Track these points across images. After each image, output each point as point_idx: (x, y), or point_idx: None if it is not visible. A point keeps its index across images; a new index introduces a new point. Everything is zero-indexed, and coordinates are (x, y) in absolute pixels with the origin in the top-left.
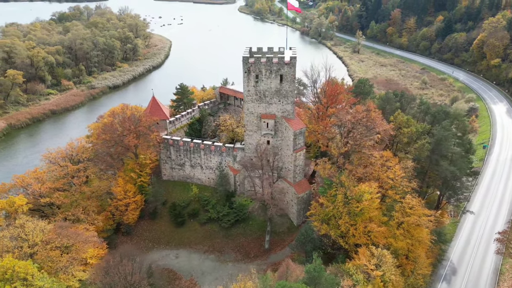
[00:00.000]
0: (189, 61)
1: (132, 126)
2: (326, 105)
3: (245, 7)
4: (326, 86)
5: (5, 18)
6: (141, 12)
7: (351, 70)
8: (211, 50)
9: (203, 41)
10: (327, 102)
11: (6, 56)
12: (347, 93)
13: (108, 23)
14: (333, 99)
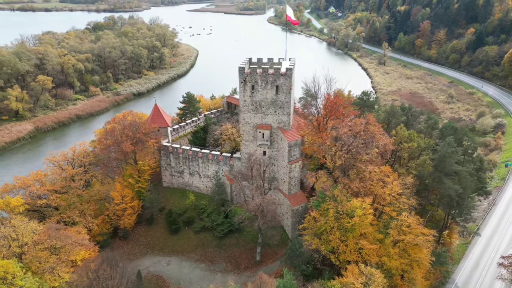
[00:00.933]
0: (213, 70)
1: (130, 133)
2: (325, 117)
3: (274, 18)
4: (326, 98)
5: (45, 26)
6: (173, 22)
7: (375, 82)
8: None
9: (229, 51)
10: (327, 115)
11: (39, 63)
12: (348, 106)
13: (138, 33)
14: (332, 111)
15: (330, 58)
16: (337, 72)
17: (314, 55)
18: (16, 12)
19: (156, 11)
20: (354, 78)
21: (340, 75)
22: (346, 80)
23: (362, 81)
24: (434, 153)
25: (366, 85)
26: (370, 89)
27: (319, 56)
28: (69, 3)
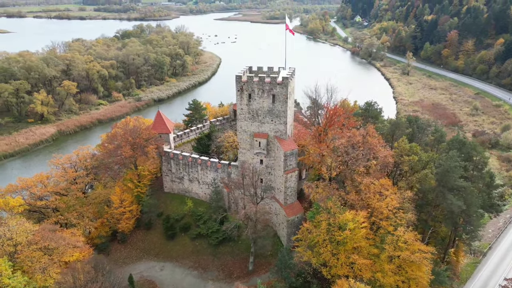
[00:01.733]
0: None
1: (130, 138)
2: (325, 127)
3: (299, 27)
4: (325, 108)
5: (77, 34)
6: (200, 30)
7: (396, 92)
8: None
9: (252, 59)
10: (326, 124)
11: (65, 68)
12: (348, 116)
13: (162, 41)
14: (331, 121)
15: (352, 68)
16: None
17: (336, 64)
18: (53, 20)
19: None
20: (374, 88)
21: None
22: (358, 90)
23: (383, 91)
24: (439, 167)
25: (387, 95)
26: (374, 100)
27: (341, 65)
28: (103, 11)
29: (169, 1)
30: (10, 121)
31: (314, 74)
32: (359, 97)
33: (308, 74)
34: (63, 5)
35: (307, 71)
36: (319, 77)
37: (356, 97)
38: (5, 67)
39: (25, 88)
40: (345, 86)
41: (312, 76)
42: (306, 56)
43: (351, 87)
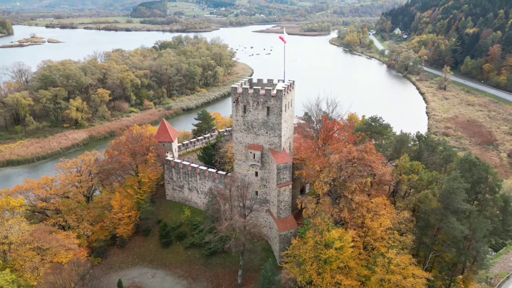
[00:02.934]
0: None
1: (130, 145)
2: (322, 142)
3: (336, 39)
4: (323, 122)
5: (119, 44)
6: (236, 42)
7: (430, 107)
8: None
9: (282, 71)
10: (323, 139)
11: (102, 77)
12: (348, 131)
13: (196, 52)
14: (328, 136)
15: (385, 81)
16: (387, 96)
17: (368, 77)
18: (101, 31)
19: (224, 31)
20: (406, 102)
21: (390, 99)
22: (387, 104)
23: (415, 106)
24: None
25: (419, 110)
26: (379, 115)
27: (374, 78)
28: (148, 24)
29: (211, 14)
30: (47, 125)
31: (342, 87)
32: (385, 111)
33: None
34: (112, 18)
35: (335, 84)
36: (345, 90)
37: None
38: (46, 74)
39: (62, 95)
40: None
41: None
42: (339, 68)
43: (378, 100)
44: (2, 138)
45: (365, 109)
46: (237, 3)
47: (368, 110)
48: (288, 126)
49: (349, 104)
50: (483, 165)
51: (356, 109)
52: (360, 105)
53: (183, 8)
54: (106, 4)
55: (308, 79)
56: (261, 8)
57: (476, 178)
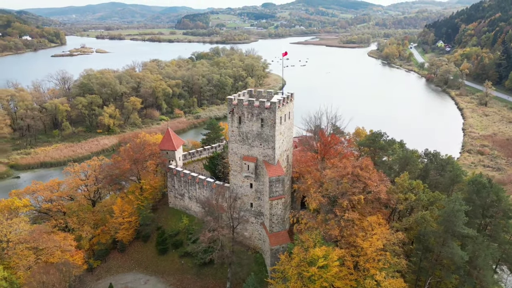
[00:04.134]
0: None
1: (132, 152)
2: (321, 156)
3: (375, 51)
4: (320, 136)
5: (158, 55)
6: (273, 54)
7: (467, 124)
8: (318, 92)
9: (316, 83)
10: (321, 153)
11: (136, 86)
12: (346, 146)
13: (229, 63)
14: (325, 150)
15: (422, 95)
16: (421, 111)
17: (404, 91)
18: (146, 42)
19: (262, 43)
20: (442, 118)
21: (424, 114)
22: (417, 119)
23: (452, 122)
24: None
25: (455, 127)
26: (383, 131)
27: (409, 92)
28: (190, 35)
29: (251, 26)
30: (82, 130)
31: (373, 100)
32: (416, 126)
33: (365, 100)
34: (157, 29)
35: (365, 97)
36: (375, 103)
37: (413, 126)
38: (85, 82)
39: (97, 102)
40: (402, 114)
41: (368, 102)
42: (373, 81)
43: (410, 115)
44: (41, 141)
45: (394, 124)
46: (278, 16)
47: (398, 125)
48: (285, 138)
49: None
50: (495, 187)
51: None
52: (389, 119)
53: (225, 20)
54: (153, 16)
55: (336, 91)
56: (301, 20)
57: (488, 201)
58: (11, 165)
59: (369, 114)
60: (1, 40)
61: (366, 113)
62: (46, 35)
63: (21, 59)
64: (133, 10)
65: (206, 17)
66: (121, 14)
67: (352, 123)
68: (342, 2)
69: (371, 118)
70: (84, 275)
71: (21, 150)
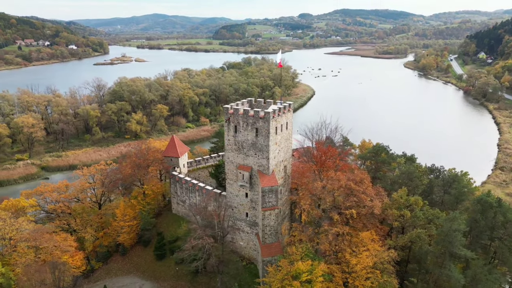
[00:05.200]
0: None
1: (134, 158)
2: (318, 168)
3: (412, 62)
4: (317, 147)
5: (194, 64)
6: (306, 64)
7: (503, 139)
8: (347, 104)
9: (347, 94)
10: (317, 164)
11: (165, 94)
12: (343, 158)
13: (257, 72)
14: (321, 162)
15: (457, 108)
16: (454, 123)
17: (438, 103)
18: (183, 52)
19: (296, 53)
20: (476, 132)
21: (457, 127)
22: None
23: (487, 138)
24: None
25: (490, 142)
26: (386, 144)
27: (444, 104)
28: (226, 45)
29: (287, 36)
30: (111, 135)
31: (404, 114)
32: (447, 140)
33: (394, 114)
34: (194, 40)
35: (396, 110)
36: (403, 116)
37: (443, 140)
38: (116, 89)
39: (126, 109)
40: (432, 128)
41: (397, 115)
42: (406, 92)
43: (441, 128)
44: (72, 145)
45: (424, 137)
46: (314, 26)
47: (428, 138)
48: (282, 149)
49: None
50: (504, 207)
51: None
52: (420, 132)
53: (261, 31)
54: (193, 27)
55: (366, 102)
56: (337, 30)
57: (495, 222)
58: (43, 166)
59: (397, 126)
60: (49, 49)
61: (393, 126)
62: (91, 45)
63: (66, 67)
64: (174, 21)
65: (243, 27)
66: (162, 25)
67: (376, 136)
68: (381, 13)
69: (398, 131)
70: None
71: (53, 153)
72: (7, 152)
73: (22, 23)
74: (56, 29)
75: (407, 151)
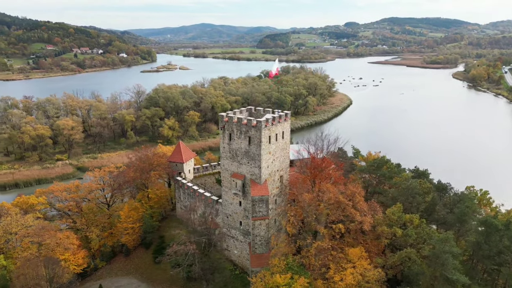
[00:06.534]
0: (349, 123)
1: (138, 163)
2: (312, 179)
3: (461, 73)
4: (311, 159)
5: (231, 72)
6: (347, 73)
7: None
8: (384, 114)
9: (385, 105)
10: (311, 176)
11: (198, 101)
12: (337, 169)
13: (293, 81)
14: (314, 173)
15: (505, 123)
16: (501, 139)
17: (486, 116)
18: (226, 60)
19: (339, 62)
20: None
21: (505, 143)
22: None
23: None
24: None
25: None
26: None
27: (491, 118)
28: (268, 54)
29: (331, 45)
30: (145, 140)
31: (446, 127)
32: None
33: (435, 126)
34: (238, 49)
35: (436, 122)
36: (438, 131)
37: (478, 158)
38: (152, 96)
39: (160, 114)
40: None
41: (439, 128)
42: (451, 104)
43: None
44: (108, 147)
45: (459, 152)
46: (360, 35)
47: (463, 153)
48: (277, 158)
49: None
50: (511, 231)
51: (446, 152)
52: (455, 147)
53: (305, 40)
54: (238, 36)
55: (403, 113)
56: (384, 39)
57: (500, 246)
58: (79, 167)
59: (433, 140)
60: (102, 56)
61: (429, 139)
62: (140, 53)
63: (115, 74)
64: (221, 31)
65: (287, 36)
66: (209, 34)
67: (402, 149)
68: (432, 21)
69: (432, 144)
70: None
71: (90, 154)
72: (49, 152)
73: (79, 33)
74: (110, 38)
75: (437, 166)
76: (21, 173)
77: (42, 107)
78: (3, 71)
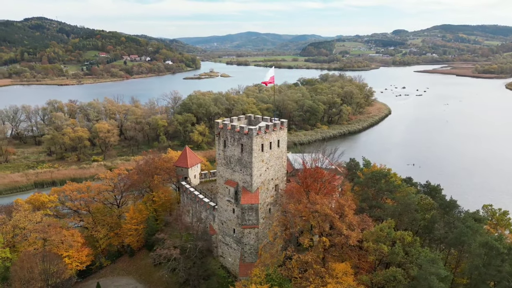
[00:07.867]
0: (383, 134)
1: (143, 166)
2: (305, 189)
3: None
4: (304, 168)
5: None
6: (390, 82)
7: None
8: (424, 125)
9: (426, 115)
10: (303, 186)
11: (230, 108)
12: (330, 181)
13: (328, 90)
14: (306, 184)
15: None
16: None
17: None
18: (267, 68)
19: (383, 70)
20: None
21: None
22: None
23: None
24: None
25: None
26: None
27: None
28: (311, 62)
29: (377, 53)
30: (177, 144)
31: (484, 142)
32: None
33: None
34: (281, 56)
35: (477, 137)
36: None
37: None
38: (186, 102)
39: (191, 120)
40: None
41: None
42: (501, 117)
43: None
44: (141, 150)
45: (495, 169)
46: (409, 43)
47: (500, 170)
48: (272, 166)
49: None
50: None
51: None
52: (493, 163)
53: (349, 47)
54: (282, 44)
55: (443, 125)
56: (435, 47)
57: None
58: (111, 168)
59: (472, 154)
60: (149, 63)
61: (467, 152)
62: (185, 60)
63: (159, 80)
64: (266, 39)
65: (331, 44)
66: (254, 42)
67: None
68: (488, 28)
69: (469, 159)
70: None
71: (123, 157)
72: (87, 153)
73: (130, 41)
74: (157, 46)
75: (467, 182)
76: (59, 172)
77: (84, 110)
78: (59, 76)
